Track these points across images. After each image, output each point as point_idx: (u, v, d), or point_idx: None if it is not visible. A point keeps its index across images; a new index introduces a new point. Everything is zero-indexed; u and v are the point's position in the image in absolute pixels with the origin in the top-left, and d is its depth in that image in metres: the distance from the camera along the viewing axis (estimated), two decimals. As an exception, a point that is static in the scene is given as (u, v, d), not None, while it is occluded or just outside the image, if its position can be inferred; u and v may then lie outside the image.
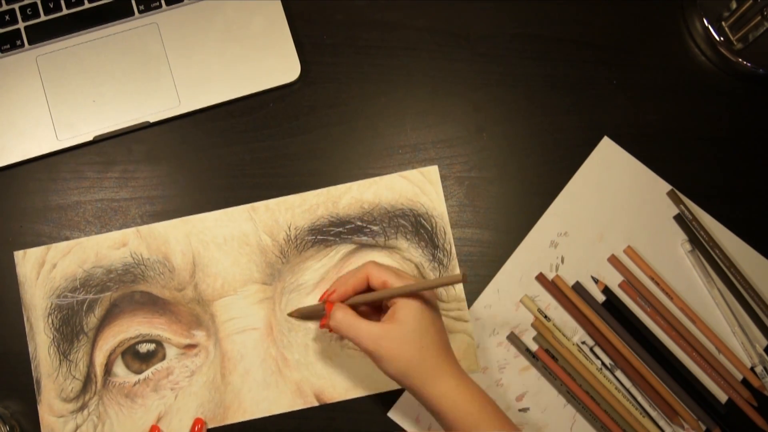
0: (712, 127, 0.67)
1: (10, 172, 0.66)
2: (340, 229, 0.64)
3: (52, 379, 0.63)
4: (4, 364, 0.63)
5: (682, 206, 0.65)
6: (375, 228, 0.65)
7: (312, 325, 0.63)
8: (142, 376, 0.63)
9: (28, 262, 0.64)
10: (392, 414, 0.63)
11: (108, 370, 0.63)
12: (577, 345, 0.63)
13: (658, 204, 0.66)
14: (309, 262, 0.64)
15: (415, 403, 0.62)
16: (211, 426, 0.62)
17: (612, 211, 0.66)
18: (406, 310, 0.55)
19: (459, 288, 0.64)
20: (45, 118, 0.65)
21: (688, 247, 0.65)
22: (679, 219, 0.65)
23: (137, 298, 0.63)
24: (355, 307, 0.58)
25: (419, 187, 0.65)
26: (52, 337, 0.63)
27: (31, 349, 0.63)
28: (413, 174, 0.66)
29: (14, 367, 0.63)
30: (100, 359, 0.63)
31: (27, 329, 0.63)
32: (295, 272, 0.64)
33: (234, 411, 0.62)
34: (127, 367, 0.63)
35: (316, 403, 0.63)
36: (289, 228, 0.64)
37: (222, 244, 0.64)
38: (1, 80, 0.65)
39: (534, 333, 0.64)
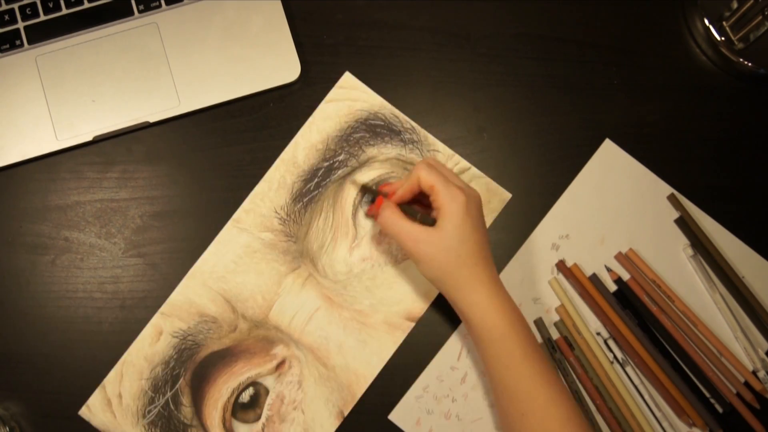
0: (714, 127, 0.67)
1: (10, 172, 0.66)
2: (316, 180, 0.65)
3: None
4: (4, 364, 0.63)
5: (682, 210, 0.65)
6: (341, 158, 0.65)
7: (356, 270, 0.64)
8: (263, 419, 0.62)
9: (97, 411, 0.62)
10: (393, 417, 0.63)
11: None
12: (593, 335, 0.63)
13: (659, 207, 0.65)
14: (313, 224, 0.64)
15: (415, 406, 0.62)
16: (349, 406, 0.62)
17: (614, 213, 0.65)
18: (448, 218, 0.55)
19: (442, 147, 0.65)
20: (44, 118, 0.65)
21: (689, 251, 0.64)
22: (681, 222, 0.65)
23: (208, 364, 0.63)
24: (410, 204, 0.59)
25: (348, 98, 0.66)
26: None
27: None
28: (335, 92, 0.66)
29: (14, 368, 0.63)
30: None
31: None
32: (310, 241, 0.64)
33: (357, 384, 0.63)
34: (245, 421, 0.62)
35: (413, 325, 0.63)
36: (276, 211, 0.64)
37: (236, 268, 0.64)
38: (0, 80, 0.65)
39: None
